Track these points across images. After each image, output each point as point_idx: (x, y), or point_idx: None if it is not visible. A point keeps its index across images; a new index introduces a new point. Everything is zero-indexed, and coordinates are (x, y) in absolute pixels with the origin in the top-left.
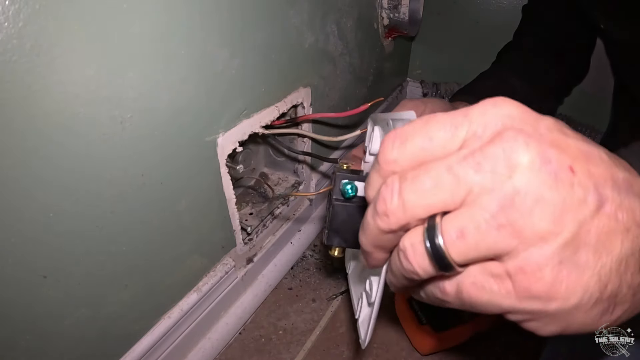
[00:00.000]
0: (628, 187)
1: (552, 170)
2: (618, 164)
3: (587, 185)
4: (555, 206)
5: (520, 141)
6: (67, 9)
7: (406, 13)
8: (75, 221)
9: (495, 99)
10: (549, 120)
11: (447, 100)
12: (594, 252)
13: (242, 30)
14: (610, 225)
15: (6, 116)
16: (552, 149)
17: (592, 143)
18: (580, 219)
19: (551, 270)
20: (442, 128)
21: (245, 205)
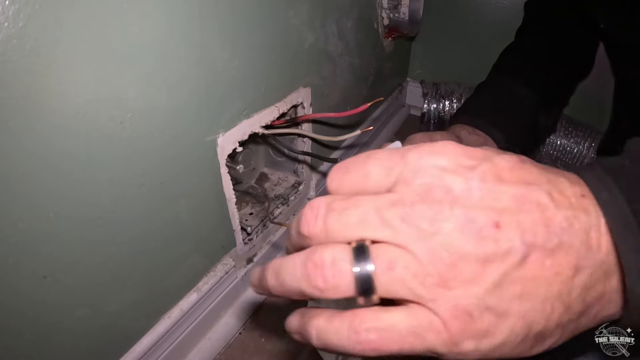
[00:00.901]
0: (564, 229)
1: (475, 229)
2: (560, 204)
3: (513, 237)
4: (478, 260)
5: (446, 205)
6: (67, 9)
7: (406, 13)
8: (75, 221)
9: (434, 146)
10: (485, 168)
11: (451, 132)
12: (518, 298)
13: (242, 30)
14: (536, 272)
15: (6, 116)
16: (475, 210)
17: (538, 179)
18: (503, 270)
19: (479, 316)
20: (379, 166)
21: (245, 205)
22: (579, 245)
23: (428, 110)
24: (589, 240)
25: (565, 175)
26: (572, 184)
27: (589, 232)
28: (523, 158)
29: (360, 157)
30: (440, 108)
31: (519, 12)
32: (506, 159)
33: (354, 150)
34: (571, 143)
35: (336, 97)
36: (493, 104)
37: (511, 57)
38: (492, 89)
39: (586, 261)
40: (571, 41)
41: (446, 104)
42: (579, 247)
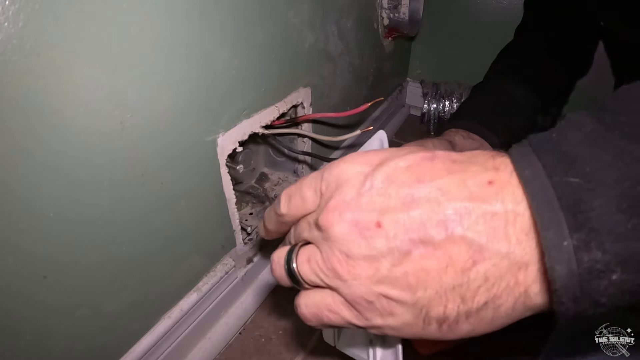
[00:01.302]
0: (455, 222)
1: (357, 230)
2: (454, 197)
3: (395, 234)
4: (364, 257)
5: (337, 212)
6: (67, 9)
7: (406, 13)
8: (75, 221)
9: (343, 160)
10: (377, 173)
11: (445, 137)
12: (410, 287)
13: (242, 30)
14: (424, 264)
15: (6, 116)
16: (361, 213)
17: (435, 175)
18: (390, 263)
19: (376, 302)
20: (308, 189)
21: (245, 205)
22: (474, 237)
23: (428, 110)
24: (489, 231)
25: (482, 162)
26: (483, 171)
27: (489, 222)
28: (435, 154)
29: (297, 183)
30: (440, 108)
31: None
32: (407, 158)
33: (354, 150)
34: None
35: (336, 97)
36: (489, 106)
37: (509, 56)
38: (489, 91)
39: (485, 252)
40: (570, 39)
41: (446, 104)
42: (474, 239)
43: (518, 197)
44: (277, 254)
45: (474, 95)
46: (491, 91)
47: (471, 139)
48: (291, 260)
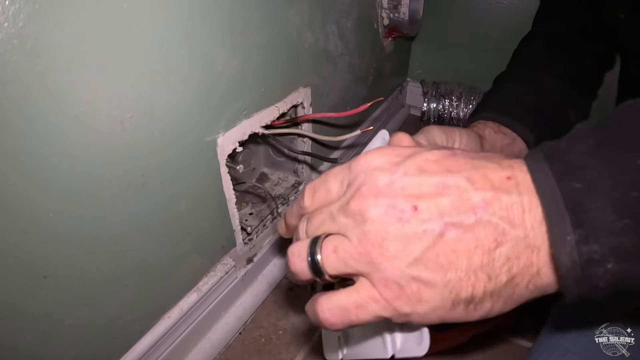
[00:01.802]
0: (482, 208)
1: (395, 213)
2: (480, 187)
3: (429, 217)
4: (399, 239)
5: (371, 198)
6: (67, 9)
7: (406, 13)
8: (75, 221)
9: (372, 152)
10: (409, 162)
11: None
12: (441, 268)
13: (242, 30)
14: (456, 246)
15: (6, 116)
16: (396, 198)
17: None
18: (423, 245)
19: (408, 286)
20: (334, 180)
21: (245, 205)
22: (498, 222)
23: (428, 110)
24: (510, 217)
25: (497, 161)
26: (500, 169)
27: (509, 209)
28: (455, 152)
29: (322, 176)
30: (440, 107)
31: (518, 12)
32: (434, 153)
33: (354, 150)
34: None
35: (336, 97)
36: (520, 98)
37: (536, 45)
38: (518, 81)
39: (507, 235)
40: (596, 31)
41: (446, 103)
42: (498, 223)
43: (532, 192)
44: (296, 247)
45: (501, 85)
46: (521, 81)
47: (502, 134)
48: (315, 252)
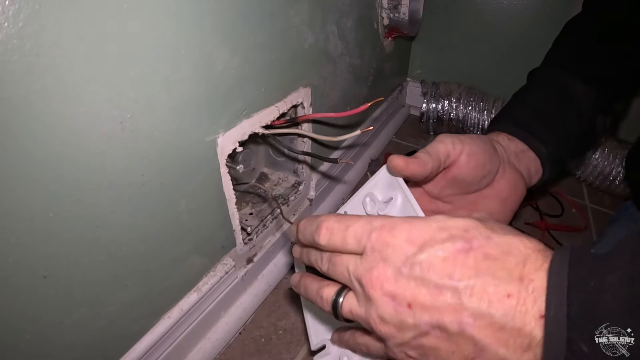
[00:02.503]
0: (467, 324)
1: (393, 304)
2: (474, 300)
3: (420, 317)
4: (393, 324)
5: (377, 283)
6: (67, 9)
7: (406, 13)
8: (75, 221)
9: (389, 232)
10: (417, 259)
11: (485, 137)
12: (423, 354)
13: (242, 30)
14: (437, 344)
15: (6, 116)
16: (397, 290)
17: (465, 273)
18: (412, 335)
19: (399, 353)
20: (353, 238)
21: (245, 205)
22: (481, 339)
23: (427, 110)
24: (495, 337)
25: (510, 267)
26: (507, 281)
27: (497, 330)
28: (472, 246)
29: (342, 223)
30: (439, 108)
31: (518, 12)
32: (445, 249)
33: (354, 150)
34: None
35: (336, 97)
36: (540, 109)
37: (566, 46)
38: (542, 88)
39: (485, 353)
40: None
41: (445, 104)
42: (480, 340)
43: (528, 318)
44: (325, 292)
45: (525, 91)
46: (544, 89)
47: (516, 142)
48: (337, 304)
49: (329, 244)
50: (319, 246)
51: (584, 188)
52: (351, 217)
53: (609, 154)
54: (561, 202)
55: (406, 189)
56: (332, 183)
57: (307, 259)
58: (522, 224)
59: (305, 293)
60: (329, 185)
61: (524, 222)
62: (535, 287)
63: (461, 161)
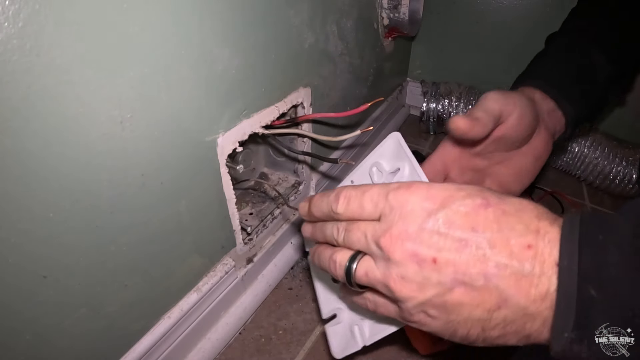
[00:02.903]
0: (492, 274)
1: (416, 260)
2: (498, 251)
3: (445, 272)
4: (416, 282)
5: (399, 241)
6: (67, 9)
7: (406, 13)
8: (75, 221)
9: (407, 190)
10: (440, 214)
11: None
12: (445, 311)
13: (242, 30)
14: (461, 299)
15: (6, 116)
16: (421, 246)
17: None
18: (434, 292)
19: (417, 314)
20: (370, 201)
21: (245, 205)
22: (504, 288)
23: (427, 109)
24: (517, 286)
25: (527, 221)
26: (526, 233)
27: (518, 279)
28: (489, 202)
29: (358, 189)
30: (439, 108)
31: (518, 12)
32: (467, 204)
33: (354, 150)
34: (572, 143)
35: (336, 97)
36: (570, 72)
37: (587, 15)
38: (565, 55)
39: (508, 302)
40: None
41: (445, 104)
42: (504, 289)
43: (547, 266)
44: (339, 257)
45: (554, 52)
46: (572, 53)
47: (547, 101)
48: (351, 270)
49: (346, 211)
50: (336, 215)
51: (584, 188)
52: (366, 184)
53: (609, 154)
54: (561, 202)
55: (413, 159)
56: (332, 183)
57: (321, 234)
58: None
59: (318, 260)
60: (329, 185)
61: None
62: (551, 239)
63: (511, 122)
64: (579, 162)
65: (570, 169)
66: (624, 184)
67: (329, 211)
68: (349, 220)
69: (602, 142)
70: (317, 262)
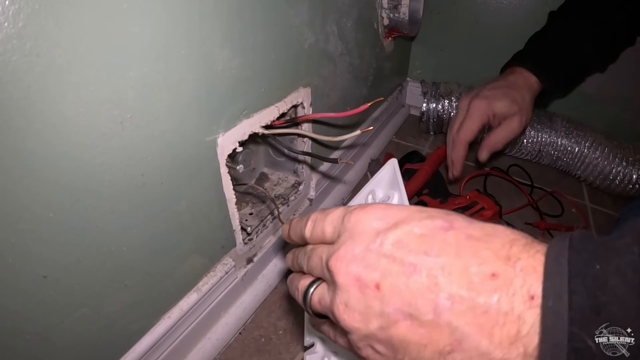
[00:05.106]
0: (444, 308)
1: (358, 285)
2: (453, 280)
3: (388, 301)
4: (358, 309)
5: (344, 263)
6: (67, 9)
7: (406, 13)
8: (75, 221)
9: (361, 210)
10: (390, 235)
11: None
12: (392, 348)
13: (242, 30)
14: (407, 336)
15: (6, 116)
16: (365, 269)
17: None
18: (379, 324)
19: (364, 348)
20: (330, 225)
21: (245, 205)
22: (458, 326)
23: (427, 110)
24: (476, 325)
25: (497, 246)
26: (493, 259)
27: (478, 316)
28: (452, 225)
29: (323, 213)
30: (439, 108)
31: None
32: (422, 225)
33: (354, 150)
34: (572, 143)
35: (336, 97)
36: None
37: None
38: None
39: (464, 344)
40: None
41: (445, 104)
42: (457, 328)
43: (517, 300)
44: (301, 284)
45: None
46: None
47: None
48: (307, 295)
49: (312, 235)
50: (306, 240)
51: (584, 188)
52: (332, 208)
53: (609, 154)
54: (561, 202)
55: (402, 188)
56: (332, 183)
57: (296, 263)
58: (522, 224)
59: (290, 290)
60: (329, 185)
61: (524, 222)
62: (523, 267)
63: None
64: (579, 162)
65: (570, 169)
66: (624, 184)
67: (301, 235)
68: (316, 244)
69: (602, 142)
70: (290, 292)
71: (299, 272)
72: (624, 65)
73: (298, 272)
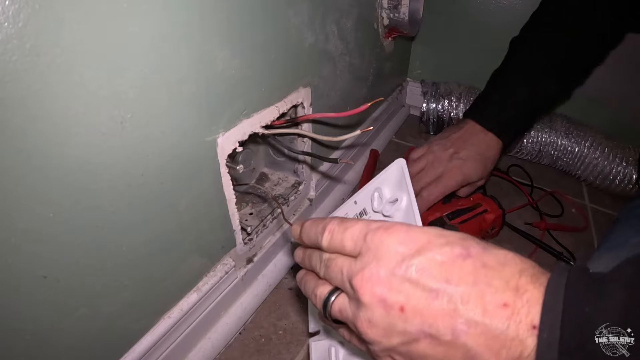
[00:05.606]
0: (461, 331)
1: (383, 306)
2: (470, 308)
3: (412, 322)
4: (382, 326)
5: (369, 284)
6: (67, 9)
7: (406, 13)
8: (75, 221)
9: (386, 232)
10: (414, 261)
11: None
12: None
13: (242, 30)
14: (426, 351)
15: (6, 116)
16: (390, 292)
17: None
18: (401, 340)
19: (384, 357)
20: (350, 240)
21: (245, 205)
22: (472, 347)
23: (427, 110)
24: (487, 346)
25: (507, 277)
26: (505, 289)
27: (490, 339)
28: (470, 253)
29: (342, 226)
30: (439, 108)
31: (518, 11)
32: (443, 253)
33: (354, 150)
34: (572, 143)
35: (336, 97)
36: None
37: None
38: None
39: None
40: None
41: (445, 104)
42: (471, 348)
43: (522, 328)
44: (319, 290)
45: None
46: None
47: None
48: (328, 304)
49: (329, 246)
50: (322, 248)
51: (584, 188)
52: (351, 220)
53: (609, 154)
54: (561, 202)
55: (412, 192)
56: (332, 183)
57: (308, 262)
58: (522, 224)
59: (304, 289)
60: (329, 185)
61: (523, 222)
62: (529, 298)
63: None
64: (579, 162)
65: (570, 169)
66: (624, 184)
67: (316, 242)
68: (333, 253)
69: (602, 142)
70: (302, 290)
71: (311, 272)
72: (624, 65)
73: (309, 271)
